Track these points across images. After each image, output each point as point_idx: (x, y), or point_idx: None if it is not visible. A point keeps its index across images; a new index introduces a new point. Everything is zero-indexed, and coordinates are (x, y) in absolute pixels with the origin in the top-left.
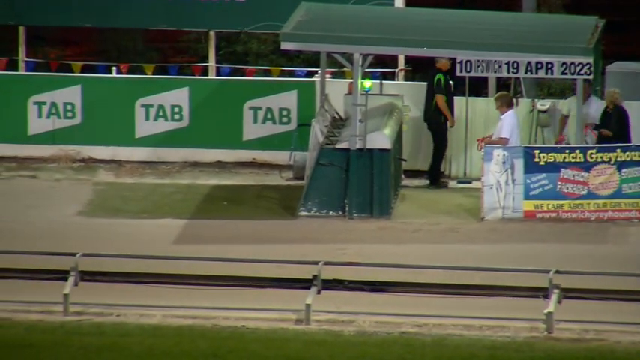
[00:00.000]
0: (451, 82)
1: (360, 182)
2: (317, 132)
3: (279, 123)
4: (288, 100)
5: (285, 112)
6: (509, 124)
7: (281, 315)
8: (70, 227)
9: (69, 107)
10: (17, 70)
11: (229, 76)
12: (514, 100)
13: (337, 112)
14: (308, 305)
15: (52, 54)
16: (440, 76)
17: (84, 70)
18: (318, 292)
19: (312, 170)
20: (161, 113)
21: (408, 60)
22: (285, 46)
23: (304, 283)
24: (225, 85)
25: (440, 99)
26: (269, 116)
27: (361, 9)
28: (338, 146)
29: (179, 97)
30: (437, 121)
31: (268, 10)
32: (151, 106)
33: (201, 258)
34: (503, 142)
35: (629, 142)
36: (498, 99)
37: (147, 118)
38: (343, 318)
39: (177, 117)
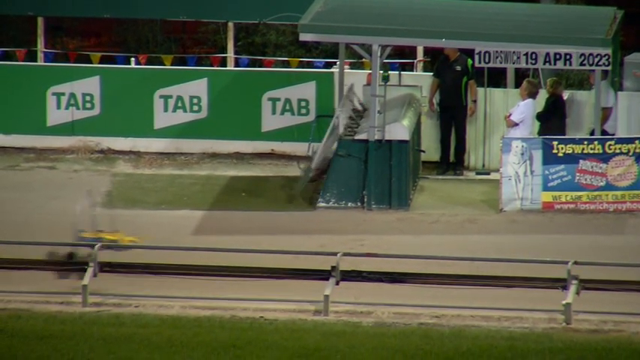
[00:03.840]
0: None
1: (378, 173)
2: (341, 122)
3: (297, 114)
4: (307, 91)
5: (303, 104)
6: (523, 111)
7: (300, 306)
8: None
9: (88, 98)
10: (36, 61)
11: (248, 67)
12: (539, 91)
13: (362, 104)
14: (326, 296)
15: (71, 45)
16: (471, 61)
17: (102, 61)
18: (337, 284)
19: (330, 161)
20: (180, 104)
21: (427, 51)
22: (304, 37)
23: (323, 275)
24: (244, 77)
25: (474, 85)
26: (287, 107)
27: (380, 0)
28: (357, 137)
29: (198, 88)
30: (465, 107)
31: (287, 1)
32: (170, 97)
33: (219, 249)
34: (509, 122)
35: (564, 133)
36: (527, 85)
37: (165, 109)
38: (362, 309)
39: (195, 108)
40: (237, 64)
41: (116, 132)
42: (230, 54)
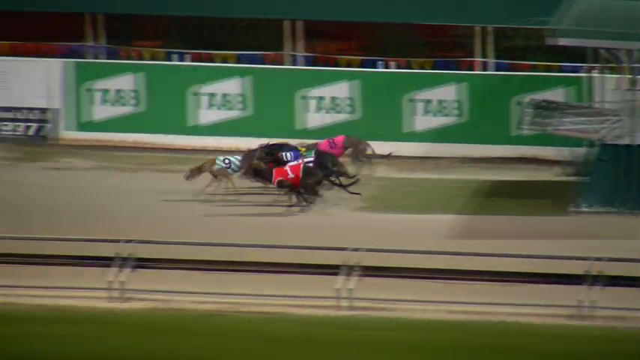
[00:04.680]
0: None
1: None
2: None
3: None
4: (558, 95)
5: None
6: None
7: (558, 311)
8: (352, 223)
9: (337, 102)
10: (286, 65)
11: (501, 71)
12: None
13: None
14: (585, 301)
15: (327, 48)
16: None
17: (357, 64)
18: (597, 288)
19: (591, 166)
20: (438, 108)
21: None
22: (562, 41)
23: (584, 279)
24: (497, 80)
25: None
26: None
27: (634, 3)
28: (617, 142)
29: (453, 91)
30: None
31: (540, 4)
32: (424, 101)
33: (476, 254)
34: None
35: None
36: None
37: (424, 113)
38: (622, 314)
39: (451, 112)
40: (489, 68)
41: (374, 136)
42: (485, 58)
